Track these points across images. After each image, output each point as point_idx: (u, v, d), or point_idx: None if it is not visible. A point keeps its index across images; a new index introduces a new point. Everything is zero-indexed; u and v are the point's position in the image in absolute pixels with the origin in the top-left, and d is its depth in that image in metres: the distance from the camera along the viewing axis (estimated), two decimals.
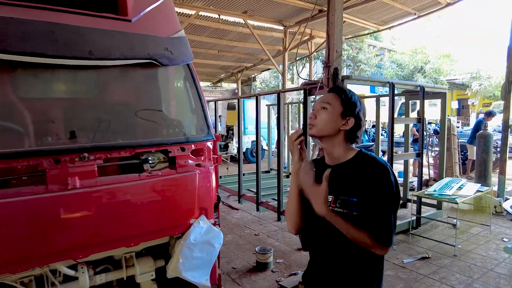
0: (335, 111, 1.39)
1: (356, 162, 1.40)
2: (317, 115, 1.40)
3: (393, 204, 1.33)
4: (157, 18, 2.29)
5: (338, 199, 1.38)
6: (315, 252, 1.52)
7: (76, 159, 1.74)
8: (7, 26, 1.73)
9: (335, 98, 1.41)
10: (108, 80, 2.14)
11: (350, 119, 1.39)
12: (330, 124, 1.38)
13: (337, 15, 2.98)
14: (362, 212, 1.31)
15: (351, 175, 1.37)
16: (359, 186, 1.33)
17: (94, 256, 1.90)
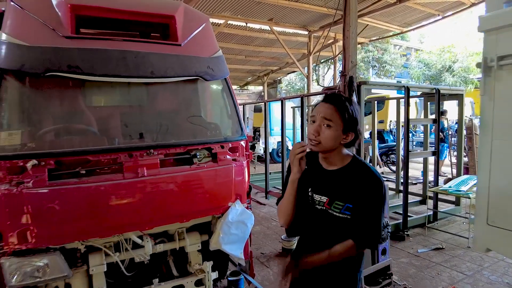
0: (338, 129, 1.45)
1: (352, 169, 1.50)
2: (320, 132, 1.45)
3: (381, 214, 1.48)
4: (200, 41, 2.84)
5: (334, 203, 1.50)
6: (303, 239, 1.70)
7: (144, 154, 2.30)
8: (92, 55, 2.33)
9: (337, 114, 1.46)
10: (165, 93, 2.73)
11: (350, 134, 1.48)
12: (333, 141, 1.46)
13: (352, 30, 3.42)
14: (354, 217, 1.46)
15: (347, 182, 1.48)
16: (354, 193, 1.45)
17: (155, 229, 2.46)
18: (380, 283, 3.50)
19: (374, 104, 6.63)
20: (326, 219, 1.53)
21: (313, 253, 1.53)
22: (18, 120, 2.27)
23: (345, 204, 1.47)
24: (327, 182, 1.52)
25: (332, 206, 1.51)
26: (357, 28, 3.57)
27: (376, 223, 1.46)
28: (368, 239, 1.47)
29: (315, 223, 1.56)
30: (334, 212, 1.50)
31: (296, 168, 1.50)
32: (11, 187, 1.98)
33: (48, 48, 2.25)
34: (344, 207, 1.48)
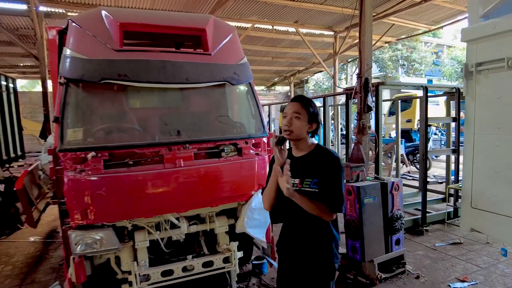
0: (304, 119, 1.85)
1: (316, 153, 1.89)
2: (291, 123, 1.84)
3: (342, 182, 1.81)
4: (228, 50, 3.23)
5: (304, 181, 1.84)
6: (285, 223, 2.01)
7: (181, 148, 2.72)
8: (138, 65, 2.78)
9: (303, 108, 1.86)
10: (198, 96, 3.15)
11: (314, 124, 1.89)
12: (302, 129, 1.85)
13: (367, 36, 3.68)
14: (321, 190, 1.80)
15: (313, 163, 1.85)
16: (319, 171, 1.82)
17: (190, 212, 2.88)
18: (393, 271, 3.74)
19: (397, 103, 6.75)
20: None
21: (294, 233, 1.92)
22: (80, 120, 2.76)
23: (312, 179, 1.83)
24: (298, 167, 1.87)
25: (303, 184, 1.85)
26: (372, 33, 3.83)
27: (338, 190, 1.81)
28: (334, 202, 1.79)
29: (292, 203, 1.81)
30: (305, 188, 1.83)
31: (276, 158, 1.83)
32: (75, 174, 2.46)
33: (102, 60, 2.73)
34: (312, 182, 1.83)
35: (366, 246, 3.59)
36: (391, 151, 9.01)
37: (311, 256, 1.90)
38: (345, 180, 1.97)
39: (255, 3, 8.75)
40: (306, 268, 1.91)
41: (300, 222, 1.89)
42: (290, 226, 1.98)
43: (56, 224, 6.26)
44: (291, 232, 1.96)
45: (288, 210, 1.91)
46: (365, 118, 3.97)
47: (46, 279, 4.06)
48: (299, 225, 1.91)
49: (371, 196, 3.65)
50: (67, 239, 2.67)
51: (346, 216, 3.76)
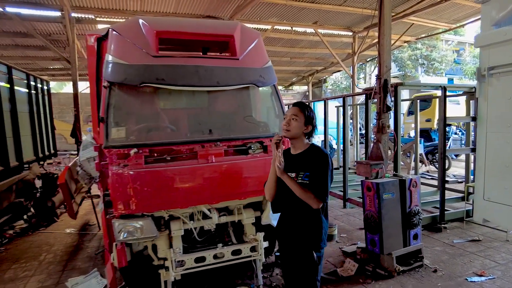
0: (301, 121, 2.20)
1: (310, 151, 2.23)
2: (290, 123, 2.20)
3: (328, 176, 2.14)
4: (254, 55, 3.47)
5: (299, 174, 2.18)
6: (283, 212, 2.34)
7: (213, 145, 2.98)
8: (173, 70, 3.06)
9: (300, 112, 2.21)
10: (227, 98, 3.40)
11: (309, 126, 2.23)
12: (299, 129, 2.21)
13: (386, 39, 3.84)
14: (311, 180, 2.13)
15: (306, 159, 2.19)
16: (310, 165, 2.15)
17: (220, 204, 3.13)
18: (411, 264, 3.89)
19: (416, 103, 6.83)
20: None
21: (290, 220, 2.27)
22: (123, 120, 3.05)
23: (305, 173, 2.17)
24: (294, 163, 2.23)
25: (298, 177, 2.19)
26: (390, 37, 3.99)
27: (324, 182, 2.14)
28: (320, 191, 2.12)
29: (288, 192, 2.18)
30: (299, 180, 2.17)
31: (275, 153, 2.19)
32: (119, 168, 2.75)
33: (141, 65, 3.02)
34: (304, 174, 2.17)
35: (384, 239, 3.75)
36: (410, 151, 9.05)
37: (302, 239, 2.23)
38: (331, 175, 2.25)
39: (275, 5, 8.97)
40: (299, 249, 2.25)
41: (295, 210, 2.24)
42: (287, 214, 2.32)
43: (88, 217, 6.67)
44: (288, 219, 2.31)
45: (286, 201, 2.26)
46: (384, 117, 4.12)
47: (85, 266, 4.41)
48: (294, 213, 2.26)
49: (390, 192, 3.81)
50: (110, 227, 2.98)
51: (365, 211, 3.94)
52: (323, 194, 2.13)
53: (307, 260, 2.22)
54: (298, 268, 2.27)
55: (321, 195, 2.13)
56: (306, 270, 2.25)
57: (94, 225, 6.15)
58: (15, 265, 4.54)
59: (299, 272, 2.27)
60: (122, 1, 8.32)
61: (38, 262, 4.62)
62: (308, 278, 2.25)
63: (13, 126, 6.43)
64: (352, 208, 6.54)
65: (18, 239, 5.61)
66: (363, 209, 4.16)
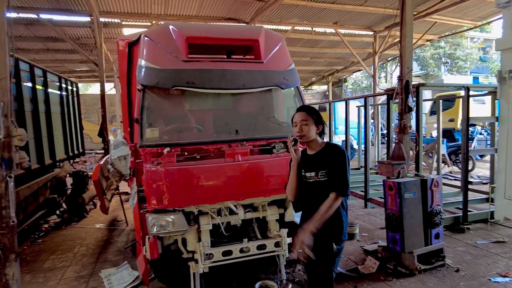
0: (312, 124, 2.34)
1: (326, 149, 2.35)
2: (302, 129, 2.33)
3: (347, 170, 2.26)
4: (278, 58, 3.61)
5: (319, 173, 2.31)
6: (304, 210, 2.46)
7: (239, 145, 3.14)
8: (202, 73, 3.23)
9: (308, 115, 2.34)
10: (253, 99, 3.56)
11: (320, 125, 2.38)
12: (312, 132, 2.34)
13: (408, 40, 3.89)
14: (330, 176, 2.26)
15: (324, 157, 2.31)
16: (328, 163, 2.28)
17: (246, 201, 3.28)
18: (433, 263, 3.92)
19: (439, 103, 6.77)
20: (316, 185, 2.34)
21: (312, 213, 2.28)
22: (156, 120, 3.25)
23: (324, 171, 2.30)
24: (313, 162, 2.37)
25: (318, 175, 2.32)
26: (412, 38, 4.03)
27: (344, 176, 2.25)
28: (341, 186, 2.23)
29: (310, 191, 2.35)
30: (320, 179, 2.31)
31: (293, 156, 2.38)
32: (153, 166, 2.95)
33: (172, 70, 3.21)
34: (324, 172, 2.30)
35: (406, 238, 3.81)
36: (432, 151, 8.94)
37: (323, 232, 2.28)
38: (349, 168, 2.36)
39: (295, 7, 9.07)
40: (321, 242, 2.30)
41: (317, 207, 2.29)
42: (309, 211, 2.38)
43: (116, 214, 6.98)
44: (309, 216, 2.33)
45: (308, 200, 2.39)
46: (406, 118, 4.17)
47: (116, 259, 4.66)
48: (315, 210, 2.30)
49: (411, 191, 3.87)
50: (143, 221, 3.18)
51: (387, 210, 4.00)
52: (344, 188, 2.24)
53: (326, 250, 2.32)
54: (317, 257, 2.31)
55: (342, 190, 2.23)
56: (324, 258, 2.34)
57: (122, 221, 6.44)
58: (52, 256, 4.85)
59: (317, 261, 2.32)
60: (147, 5, 8.63)
61: (73, 254, 4.92)
62: (325, 265, 2.35)
63: (48, 126, 6.83)
64: (373, 208, 6.57)
65: (53, 233, 5.96)
66: (384, 208, 4.22)
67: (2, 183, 2.78)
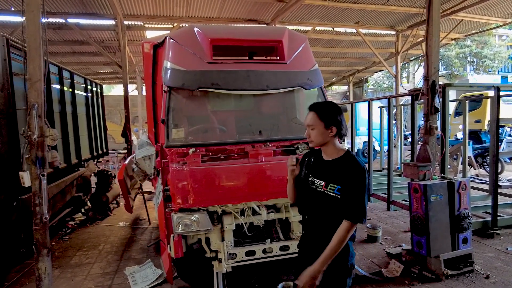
0: (319, 128, 1.95)
1: (344, 160, 1.95)
2: (310, 134, 2.01)
3: (366, 194, 1.87)
4: (301, 58, 3.60)
5: (329, 186, 1.93)
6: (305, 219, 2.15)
7: (262, 145, 3.15)
8: (227, 75, 3.26)
9: (315, 117, 1.97)
10: (276, 100, 3.57)
11: (332, 127, 1.94)
12: (320, 137, 1.96)
13: (434, 40, 3.79)
14: (343, 196, 1.86)
15: (339, 169, 1.91)
16: (343, 178, 1.87)
17: (269, 202, 3.29)
18: (460, 268, 3.81)
19: (465, 103, 6.57)
20: (323, 199, 1.95)
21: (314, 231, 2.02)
22: (181, 121, 3.30)
23: (337, 186, 1.90)
24: (325, 169, 2.00)
25: (328, 188, 1.94)
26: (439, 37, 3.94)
27: (361, 201, 1.86)
28: (356, 214, 1.84)
29: (315, 203, 1.99)
30: (329, 193, 1.93)
31: (290, 174, 2.14)
32: (179, 166, 3.00)
33: (198, 71, 3.25)
34: (336, 188, 1.91)
35: (431, 241, 3.72)
36: (457, 153, 8.68)
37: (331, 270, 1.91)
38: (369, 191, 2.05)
39: (316, 7, 9.02)
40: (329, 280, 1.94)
41: (320, 220, 2.01)
42: (310, 223, 2.10)
43: (138, 213, 7.13)
44: (312, 230, 2.07)
45: (311, 210, 2.06)
46: (432, 119, 4.07)
47: (139, 257, 4.76)
48: (318, 223, 2.02)
49: (438, 194, 3.77)
50: (168, 220, 3.24)
51: (412, 213, 3.92)
52: (360, 216, 1.85)
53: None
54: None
55: (358, 217, 1.85)
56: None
57: (144, 220, 6.57)
58: (79, 252, 5.01)
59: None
60: (169, 8, 8.78)
61: (98, 251, 5.06)
62: None
63: (74, 126, 7.04)
64: (396, 211, 6.44)
65: (79, 230, 6.15)
66: (409, 211, 4.13)
67: (36, 181, 2.89)
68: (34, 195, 2.92)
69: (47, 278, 2.99)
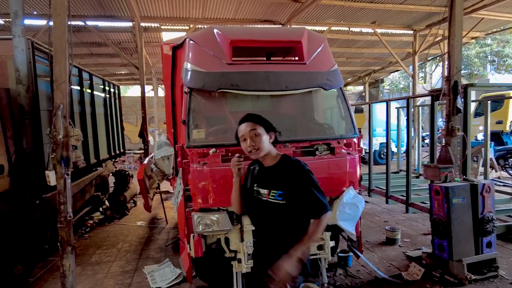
0: (264, 133, 1.96)
1: (282, 164, 1.97)
2: (255, 142, 1.92)
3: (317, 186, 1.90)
4: (321, 59, 3.58)
5: (271, 192, 1.93)
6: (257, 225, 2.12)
7: (282, 146, 3.14)
8: (246, 76, 3.27)
9: (256, 124, 1.97)
10: (295, 101, 3.55)
11: (271, 133, 2.02)
12: (266, 143, 1.96)
13: (457, 39, 3.71)
14: (289, 201, 1.85)
15: (279, 174, 1.90)
16: (285, 183, 1.87)
17: None
18: (484, 273, 3.72)
19: (487, 104, 6.41)
20: (268, 207, 1.94)
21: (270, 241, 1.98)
22: (202, 122, 3.33)
23: (278, 191, 1.88)
24: (266, 177, 1.99)
25: (270, 195, 1.94)
26: (462, 36, 3.86)
27: (316, 197, 1.88)
28: (317, 209, 1.86)
29: (263, 213, 1.97)
30: (271, 200, 1.93)
31: (236, 174, 2.04)
32: (200, 166, 3.02)
33: (218, 72, 3.27)
34: (277, 194, 1.90)
35: (454, 245, 3.64)
36: (478, 155, 8.48)
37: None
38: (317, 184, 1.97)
39: (332, 7, 8.96)
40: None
41: (269, 229, 1.97)
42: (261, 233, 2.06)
43: (155, 212, 7.21)
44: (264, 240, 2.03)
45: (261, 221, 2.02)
46: (454, 120, 3.99)
47: (157, 256, 4.82)
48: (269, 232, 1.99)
49: (460, 196, 3.69)
50: (188, 219, 3.26)
51: (433, 215, 3.85)
52: (320, 209, 1.87)
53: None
54: None
55: (320, 211, 1.87)
56: None
57: (162, 219, 6.65)
58: (98, 250, 5.10)
59: None
60: (185, 9, 8.88)
61: (117, 249, 5.14)
62: None
63: (93, 127, 7.18)
64: (414, 213, 6.33)
65: (97, 229, 6.27)
66: (429, 213, 4.06)
67: (61, 180, 2.96)
68: (59, 193, 2.99)
69: (71, 275, 3.06)
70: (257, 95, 3.37)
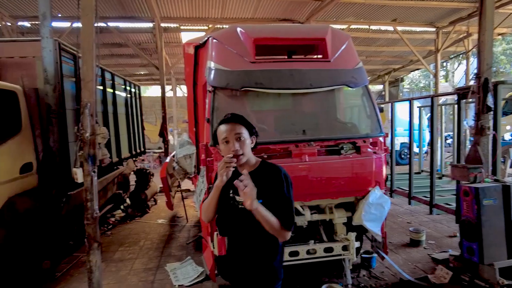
0: (247, 137, 1.76)
1: (261, 170, 1.78)
2: (241, 146, 1.71)
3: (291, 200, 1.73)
4: (345, 56, 3.52)
5: None
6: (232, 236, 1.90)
7: (306, 145, 3.11)
8: (270, 74, 3.25)
9: (241, 127, 1.76)
10: (320, 99, 3.51)
11: (253, 137, 1.82)
12: (249, 148, 1.77)
13: (488, 34, 3.58)
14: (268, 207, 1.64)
15: (258, 182, 1.65)
16: (264, 190, 1.68)
17: (312, 202, 3.24)
18: None
19: None
20: (244, 215, 1.70)
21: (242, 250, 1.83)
22: None
23: (258, 199, 1.64)
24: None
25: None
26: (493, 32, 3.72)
27: (288, 209, 1.72)
28: (286, 221, 1.69)
29: (239, 221, 1.78)
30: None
31: (221, 177, 1.68)
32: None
33: (241, 71, 3.26)
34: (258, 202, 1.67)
35: (485, 248, 3.50)
36: (505, 155, 8.19)
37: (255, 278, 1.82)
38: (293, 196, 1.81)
39: (352, 5, 8.82)
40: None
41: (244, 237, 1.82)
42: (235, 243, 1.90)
43: (176, 210, 7.27)
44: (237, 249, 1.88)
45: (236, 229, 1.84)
46: (484, 118, 3.84)
47: (179, 254, 4.85)
48: (243, 241, 1.84)
49: (491, 198, 3.55)
50: None
51: (462, 217, 3.72)
52: (289, 222, 1.71)
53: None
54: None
55: (286, 224, 1.70)
56: None
57: (182, 217, 6.70)
58: (121, 248, 5.18)
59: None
60: (204, 10, 8.92)
61: (139, 247, 5.21)
62: None
63: (115, 126, 7.31)
64: (438, 215, 6.16)
65: (119, 226, 6.37)
66: (456, 215, 3.94)
67: (88, 177, 3.01)
68: (86, 191, 3.04)
69: (98, 271, 3.11)
70: (279, 93, 3.34)
